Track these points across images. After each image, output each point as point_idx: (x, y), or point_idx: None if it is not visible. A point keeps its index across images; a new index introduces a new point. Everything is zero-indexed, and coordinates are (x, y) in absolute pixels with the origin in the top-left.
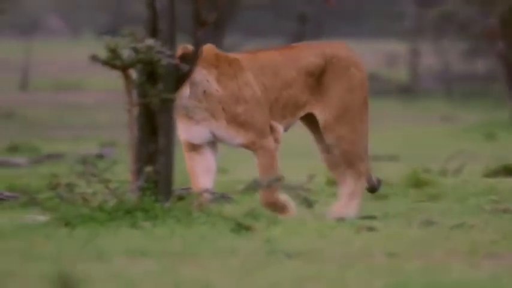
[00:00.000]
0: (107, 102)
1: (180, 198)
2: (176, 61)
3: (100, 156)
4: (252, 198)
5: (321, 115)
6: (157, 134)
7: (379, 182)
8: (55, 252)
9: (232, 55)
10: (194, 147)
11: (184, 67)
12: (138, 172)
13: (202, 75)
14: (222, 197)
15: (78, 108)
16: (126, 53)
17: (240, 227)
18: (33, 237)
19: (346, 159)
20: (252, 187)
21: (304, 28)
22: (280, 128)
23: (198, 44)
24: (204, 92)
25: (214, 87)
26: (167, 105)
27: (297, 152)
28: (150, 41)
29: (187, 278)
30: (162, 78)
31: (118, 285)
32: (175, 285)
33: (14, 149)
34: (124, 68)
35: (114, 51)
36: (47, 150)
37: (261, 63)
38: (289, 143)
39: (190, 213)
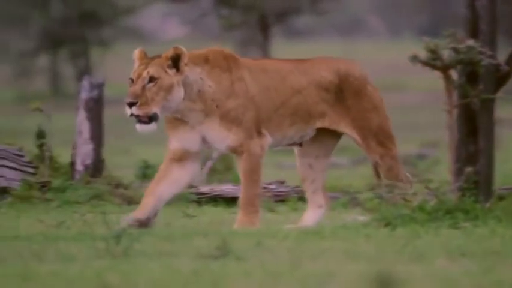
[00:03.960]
0: (427, 103)
1: (501, 198)
2: (497, 61)
3: (421, 157)
4: None
5: (357, 137)
6: (477, 134)
7: None
8: (375, 252)
9: (228, 50)
10: (180, 158)
11: (504, 67)
12: (458, 172)
13: (196, 73)
14: None
15: (399, 108)
16: (446, 54)
17: None
18: (354, 237)
19: (392, 173)
20: None
21: None
22: (268, 136)
23: None
24: (199, 91)
25: (207, 83)
26: (487, 106)
27: None
28: (470, 42)
29: (508, 278)
30: (483, 78)
31: (438, 285)
32: (495, 285)
33: (336, 149)
34: (444, 69)
35: (434, 52)
36: None
37: (265, 67)
38: None
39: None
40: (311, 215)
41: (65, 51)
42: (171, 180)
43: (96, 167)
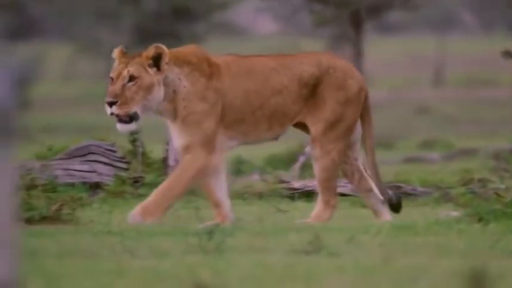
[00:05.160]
0: None
1: None
2: None
3: None
4: None
5: (312, 127)
6: None
7: (399, 197)
8: (468, 248)
9: (215, 59)
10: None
11: None
12: None
13: (174, 73)
14: None
15: (491, 103)
16: None
17: None
18: (446, 232)
19: (323, 179)
20: None
21: None
22: (218, 156)
23: None
24: (174, 91)
25: (182, 83)
26: None
27: None
28: None
29: None
30: None
31: None
32: None
33: (427, 144)
34: None
35: None
36: (460, 146)
37: (250, 67)
38: None
39: None
40: (375, 204)
41: None
42: (213, 173)
43: None
